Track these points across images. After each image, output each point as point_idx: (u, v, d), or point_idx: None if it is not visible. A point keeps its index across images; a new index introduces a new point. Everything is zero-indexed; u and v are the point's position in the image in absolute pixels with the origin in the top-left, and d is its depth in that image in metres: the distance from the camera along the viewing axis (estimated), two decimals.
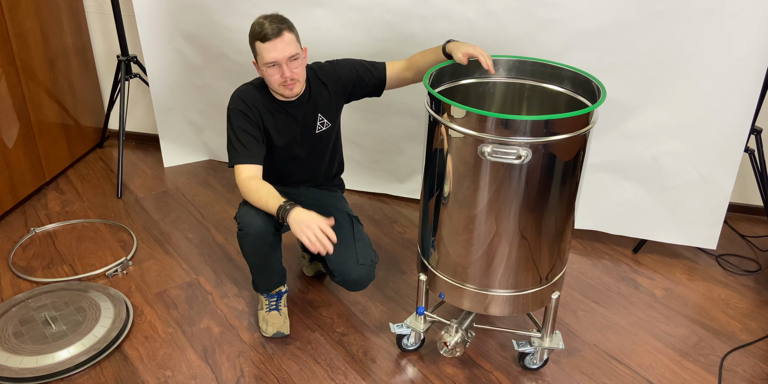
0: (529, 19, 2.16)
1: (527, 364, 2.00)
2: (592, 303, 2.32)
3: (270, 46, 1.79)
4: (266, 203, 1.84)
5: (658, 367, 2.03)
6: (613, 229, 2.56)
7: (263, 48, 1.81)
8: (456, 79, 1.89)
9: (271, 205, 1.83)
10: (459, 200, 1.69)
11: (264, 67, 1.84)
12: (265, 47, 1.80)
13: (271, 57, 1.80)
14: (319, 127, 2.03)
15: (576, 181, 1.68)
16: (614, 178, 2.44)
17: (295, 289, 2.36)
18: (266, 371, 2.00)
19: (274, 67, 1.83)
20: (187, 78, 2.90)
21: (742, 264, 2.54)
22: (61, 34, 2.91)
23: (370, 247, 2.05)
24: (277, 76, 1.84)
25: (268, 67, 1.83)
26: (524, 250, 1.71)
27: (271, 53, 1.80)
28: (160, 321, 2.19)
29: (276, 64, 1.82)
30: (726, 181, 2.29)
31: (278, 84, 1.86)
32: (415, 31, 2.32)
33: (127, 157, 3.26)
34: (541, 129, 1.52)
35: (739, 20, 2.02)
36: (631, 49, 2.14)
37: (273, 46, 1.79)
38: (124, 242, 2.61)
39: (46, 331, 2.08)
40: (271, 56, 1.80)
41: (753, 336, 2.17)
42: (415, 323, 2.01)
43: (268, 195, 1.84)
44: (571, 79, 1.81)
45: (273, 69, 1.83)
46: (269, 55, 1.80)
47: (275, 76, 1.84)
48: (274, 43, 1.79)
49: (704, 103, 2.18)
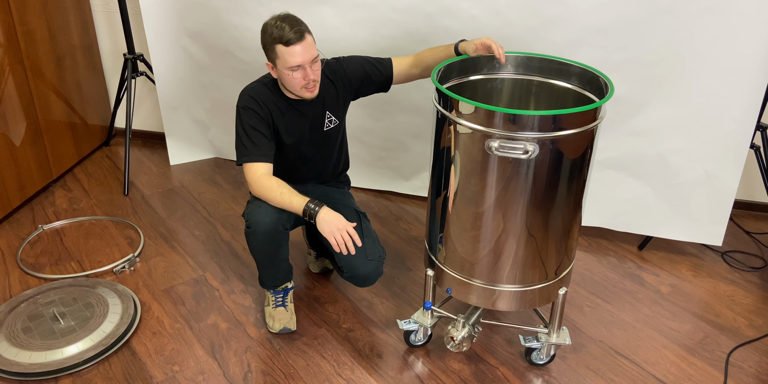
0: (534, 16, 2.17)
1: (534, 360, 2.01)
2: (597, 299, 2.32)
3: (295, 50, 1.79)
4: (289, 201, 1.86)
5: (664, 363, 2.04)
6: (618, 226, 2.56)
7: (287, 52, 1.79)
8: (464, 76, 1.90)
9: (296, 203, 1.85)
10: (467, 197, 1.69)
11: (286, 70, 1.83)
12: (289, 51, 1.79)
13: (297, 61, 1.80)
14: (327, 125, 2.04)
15: (583, 178, 1.68)
16: (619, 175, 2.44)
17: (302, 286, 2.37)
18: (273, 366, 2.01)
19: (298, 71, 1.83)
20: (194, 76, 2.91)
21: (748, 261, 2.55)
22: (68, 32, 2.92)
23: (378, 243, 2.06)
24: (300, 78, 1.84)
25: (292, 70, 1.82)
26: (531, 246, 1.72)
27: (296, 57, 1.79)
28: (167, 317, 2.21)
29: (301, 67, 1.82)
30: (731, 177, 2.29)
31: (301, 87, 1.87)
32: (420, 29, 2.33)
33: (134, 155, 3.28)
34: (549, 124, 1.52)
35: (745, 17, 2.02)
36: (636, 46, 2.15)
37: (298, 49, 1.79)
38: (131, 239, 2.62)
39: (55, 327, 2.09)
40: (297, 60, 1.80)
41: (759, 332, 2.18)
42: (423, 318, 2.02)
43: (291, 193, 1.87)
44: (579, 75, 1.81)
45: (297, 72, 1.83)
46: (294, 59, 1.79)
47: (298, 79, 1.84)
48: (300, 46, 1.79)
49: (709, 100, 2.19)
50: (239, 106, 1.94)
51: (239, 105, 1.94)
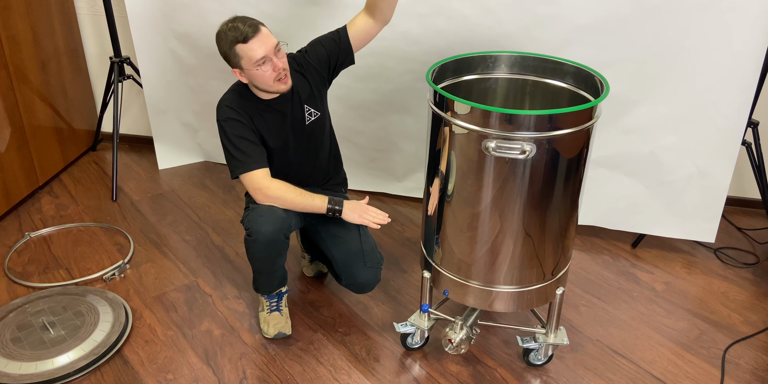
0: (526, 15, 2.16)
1: (532, 361, 2.00)
2: (593, 298, 2.32)
3: (254, 43, 1.77)
4: (311, 202, 1.92)
5: (661, 361, 2.04)
6: (611, 224, 2.57)
7: (248, 48, 1.77)
8: (458, 76, 1.88)
9: (318, 202, 1.93)
10: (463, 197, 1.68)
11: (254, 67, 1.81)
12: (249, 47, 1.77)
13: (260, 53, 1.78)
14: (308, 118, 2.01)
15: (580, 177, 1.68)
16: (613, 173, 2.44)
17: (296, 290, 2.35)
18: (269, 373, 1.98)
19: (265, 64, 1.81)
20: (182, 79, 2.88)
21: (741, 257, 2.56)
22: (52, 36, 2.88)
23: (375, 249, 2.04)
24: (270, 71, 1.82)
25: (258, 65, 1.80)
26: (528, 246, 1.71)
27: (258, 50, 1.77)
28: (159, 324, 2.17)
29: (266, 58, 1.80)
30: (724, 174, 2.30)
31: (273, 80, 1.84)
32: (412, 29, 2.31)
33: (121, 160, 3.23)
34: (545, 124, 1.51)
35: (736, 14, 2.03)
36: (628, 44, 2.15)
37: (257, 42, 1.77)
38: (121, 245, 2.58)
39: (45, 337, 2.05)
40: (260, 53, 1.78)
41: (754, 328, 2.18)
42: (420, 321, 2.00)
43: (309, 193, 1.94)
44: (573, 74, 1.81)
45: (265, 65, 1.81)
46: (257, 53, 1.78)
47: (268, 72, 1.82)
48: (257, 39, 1.77)
49: (701, 97, 2.19)
50: (220, 119, 1.91)
51: (219, 119, 1.91)
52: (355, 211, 1.95)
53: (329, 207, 1.93)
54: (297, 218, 2.03)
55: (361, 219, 1.95)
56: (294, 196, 1.91)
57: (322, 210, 1.93)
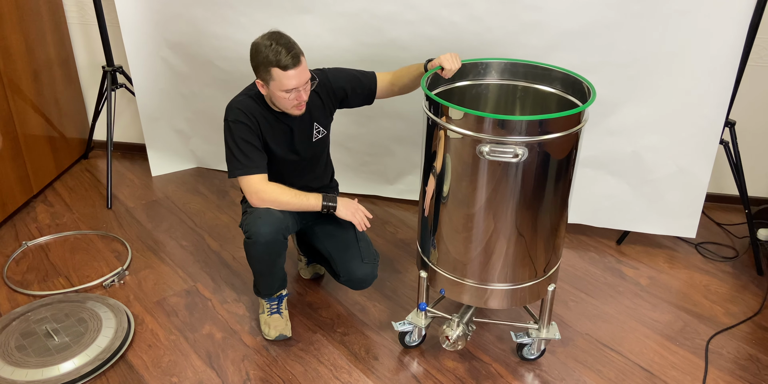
0: (513, 21, 2.24)
1: (525, 355, 2.08)
2: (581, 294, 2.41)
3: (291, 74, 1.81)
4: (306, 202, 1.98)
5: (647, 353, 2.13)
6: (597, 222, 2.66)
7: (284, 76, 1.81)
8: (451, 82, 1.95)
9: (313, 201, 1.99)
10: (458, 199, 1.75)
11: (280, 92, 1.85)
12: (286, 75, 1.81)
13: (292, 85, 1.82)
14: (316, 135, 2.08)
15: (569, 178, 1.75)
16: (598, 172, 2.53)
17: (294, 292, 2.40)
18: (272, 373, 2.04)
19: (292, 93, 1.86)
20: (174, 87, 2.91)
21: (721, 251, 2.66)
22: (44, 46, 2.90)
23: (371, 246, 2.11)
24: (293, 99, 1.87)
25: (286, 92, 1.85)
26: (521, 245, 1.78)
27: (292, 81, 1.82)
28: (161, 329, 2.21)
29: (295, 89, 1.85)
30: (703, 172, 2.40)
31: (292, 106, 1.90)
32: (402, 36, 2.38)
33: (114, 168, 3.25)
34: (536, 128, 1.59)
35: (713, 19, 2.12)
36: (611, 49, 2.23)
37: (294, 74, 1.81)
38: (119, 252, 2.61)
39: (49, 344, 2.08)
40: (292, 84, 1.82)
41: (735, 319, 2.28)
42: (417, 319, 2.07)
43: (303, 193, 1.99)
44: (561, 79, 1.89)
45: (291, 94, 1.86)
46: (290, 83, 1.82)
47: (291, 100, 1.87)
48: (296, 71, 1.81)
49: (682, 99, 2.29)
50: (228, 119, 1.95)
51: (228, 119, 1.95)
52: (348, 208, 2.02)
53: (324, 204, 1.99)
54: (293, 220, 2.09)
55: (353, 216, 2.01)
56: (289, 198, 1.96)
57: (317, 208, 1.98)
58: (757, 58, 2.58)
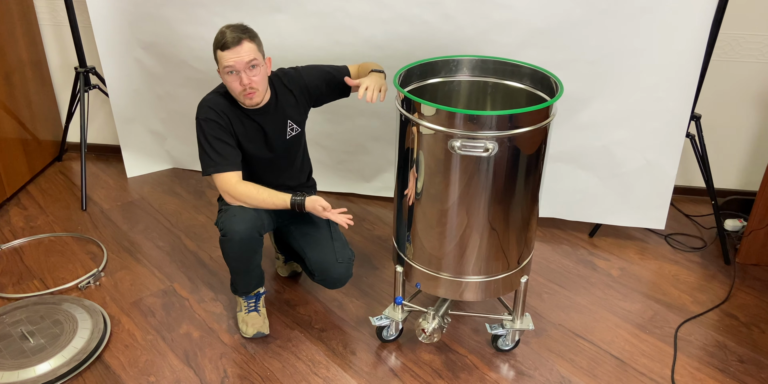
0: (484, 20, 2.28)
1: (500, 346, 2.11)
2: (555, 286, 2.45)
3: (228, 53, 1.85)
4: (275, 201, 1.96)
5: (618, 341, 2.18)
6: (569, 216, 2.71)
7: (222, 55, 1.86)
8: (423, 79, 1.99)
9: (281, 200, 1.96)
10: (431, 195, 1.78)
11: (223, 74, 1.90)
12: (224, 55, 1.86)
13: (229, 63, 1.86)
14: (290, 133, 2.09)
15: (539, 172, 1.80)
16: (569, 167, 2.58)
17: (272, 290, 2.41)
18: (249, 370, 2.05)
19: (232, 74, 1.88)
20: (148, 87, 2.91)
21: (689, 242, 2.73)
22: (16, 47, 2.87)
23: (347, 246, 2.12)
24: (236, 83, 1.89)
25: (226, 73, 1.89)
26: (494, 239, 1.82)
27: (228, 60, 1.86)
28: (138, 329, 2.21)
29: (233, 70, 1.87)
30: (670, 165, 2.46)
31: (239, 92, 1.92)
32: (375, 35, 2.41)
33: (89, 169, 3.23)
34: (506, 123, 1.63)
35: (678, 15, 2.18)
36: (580, 46, 2.28)
37: (231, 53, 1.85)
38: (94, 254, 2.60)
39: (25, 346, 2.07)
40: (229, 63, 1.86)
41: (703, 307, 2.35)
42: (394, 313, 2.09)
43: (273, 192, 1.98)
44: (530, 75, 1.93)
45: (232, 76, 1.88)
46: (227, 62, 1.86)
47: (235, 83, 1.89)
48: (233, 51, 1.85)
49: (648, 94, 2.35)
50: (199, 118, 1.96)
51: (199, 117, 1.97)
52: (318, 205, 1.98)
53: (292, 200, 1.96)
54: (269, 218, 2.10)
55: (324, 212, 1.97)
56: (259, 196, 1.96)
57: (286, 205, 1.97)
58: (722, 53, 2.66)
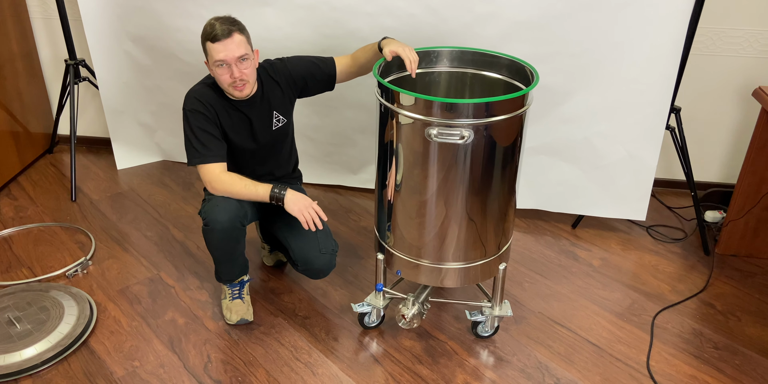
0: (467, 13, 2.32)
1: (479, 333, 2.15)
2: (536, 275, 2.49)
3: (219, 46, 1.87)
4: (255, 192, 1.96)
5: (596, 329, 2.22)
6: (552, 207, 2.75)
7: (213, 48, 1.89)
8: (403, 70, 2.02)
9: (262, 191, 1.95)
10: (410, 186, 1.82)
11: (213, 66, 1.92)
12: (214, 47, 1.88)
13: (220, 56, 1.88)
14: (276, 124, 2.12)
15: (516, 162, 1.83)
16: (552, 159, 2.62)
17: (257, 279, 2.44)
18: (232, 356, 2.08)
19: (223, 67, 1.91)
20: (138, 80, 2.94)
21: (670, 233, 2.77)
22: (7, 40, 2.90)
23: (330, 237, 2.15)
24: (226, 76, 1.92)
25: (217, 66, 1.91)
26: (472, 229, 1.86)
27: (219, 53, 1.88)
28: (124, 316, 2.24)
29: (224, 63, 1.90)
30: (651, 157, 2.50)
31: (228, 84, 1.94)
32: (361, 27, 2.44)
33: (79, 161, 3.26)
34: (482, 111, 1.66)
35: (657, 9, 2.22)
36: (561, 39, 2.32)
37: (222, 46, 1.87)
38: (82, 244, 2.63)
39: (11, 331, 2.10)
40: (220, 56, 1.88)
41: (681, 296, 2.39)
42: (375, 300, 2.13)
43: (254, 183, 1.97)
44: (508, 66, 1.97)
45: (222, 69, 1.91)
46: (218, 55, 1.88)
47: (225, 76, 1.92)
48: (224, 43, 1.87)
49: (629, 86, 2.39)
50: (185, 109, 1.99)
51: (185, 108, 1.99)
52: (297, 204, 1.94)
53: (271, 194, 1.95)
54: (253, 208, 2.13)
55: (300, 213, 1.93)
56: (240, 188, 1.97)
57: (266, 198, 1.97)
58: (703, 47, 2.70)
